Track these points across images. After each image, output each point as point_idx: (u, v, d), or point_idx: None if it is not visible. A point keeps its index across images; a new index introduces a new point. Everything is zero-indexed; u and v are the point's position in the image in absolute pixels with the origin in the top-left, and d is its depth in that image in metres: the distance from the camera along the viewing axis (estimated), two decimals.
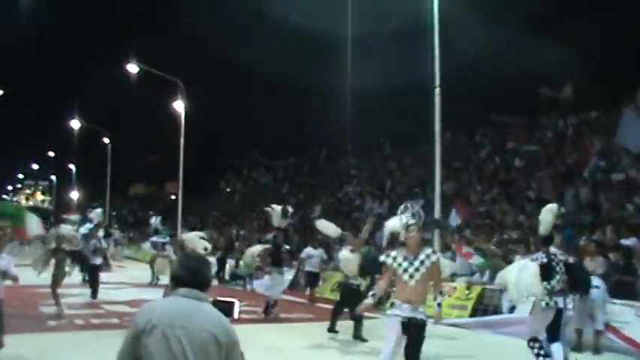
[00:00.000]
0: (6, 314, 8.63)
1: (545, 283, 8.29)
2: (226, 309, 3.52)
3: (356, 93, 33.03)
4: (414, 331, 6.72)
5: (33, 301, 15.30)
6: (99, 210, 22.40)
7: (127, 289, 20.09)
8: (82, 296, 16.69)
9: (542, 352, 8.49)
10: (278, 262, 14.82)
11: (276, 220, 14.92)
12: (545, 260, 8.44)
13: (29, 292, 15.37)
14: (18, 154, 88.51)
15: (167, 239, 23.17)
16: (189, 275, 3.39)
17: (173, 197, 51.92)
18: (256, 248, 15.65)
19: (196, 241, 12.88)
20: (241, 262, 22.38)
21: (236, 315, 3.62)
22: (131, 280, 23.04)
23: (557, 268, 8.43)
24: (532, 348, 8.59)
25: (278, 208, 15.01)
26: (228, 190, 50.38)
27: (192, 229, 33.07)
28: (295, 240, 25.02)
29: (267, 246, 15.35)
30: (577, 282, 8.71)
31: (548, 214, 8.81)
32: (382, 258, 7.07)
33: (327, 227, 13.99)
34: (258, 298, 16.91)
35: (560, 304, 8.40)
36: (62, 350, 10.17)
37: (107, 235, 20.62)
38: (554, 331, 8.49)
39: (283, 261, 15.02)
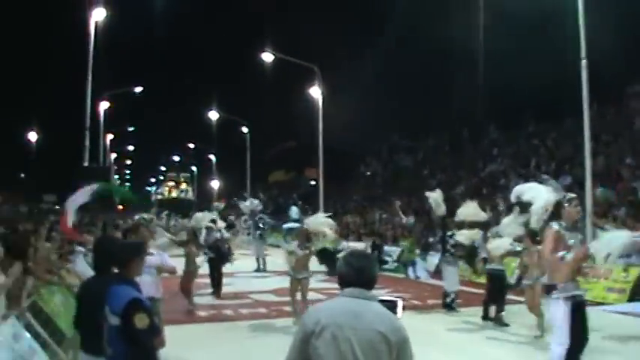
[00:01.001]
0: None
1: None
2: (389, 308, 3.60)
3: (497, 69, 33.58)
4: (584, 312, 6.68)
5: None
6: (255, 201, 25.28)
7: (272, 277, 20.84)
8: (231, 286, 17.75)
9: None
10: (445, 251, 14.62)
11: (438, 208, 14.62)
12: None
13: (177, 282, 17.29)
14: (160, 147, 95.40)
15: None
16: (354, 273, 3.57)
17: (313, 183, 54.85)
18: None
19: (320, 223, 12.86)
20: (401, 248, 23.04)
21: (400, 314, 3.71)
22: (277, 268, 24.66)
23: None
24: None
25: (436, 194, 14.73)
26: (368, 173, 52.38)
27: (333, 214, 35.69)
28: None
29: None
30: None
31: None
32: (554, 226, 6.84)
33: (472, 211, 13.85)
34: (422, 287, 18.32)
35: None
36: (212, 341, 10.84)
37: (230, 227, 21.01)
38: None
39: (447, 251, 14.57)
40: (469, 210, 13.86)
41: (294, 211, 27.17)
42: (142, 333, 4.43)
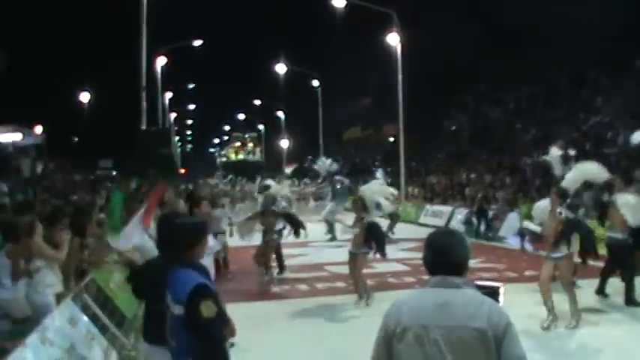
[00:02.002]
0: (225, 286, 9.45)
1: None
2: (489, 296, 3.41)
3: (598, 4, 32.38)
4: None
5: (253, 264, 16.80)
6: (328, 160, 25.32)
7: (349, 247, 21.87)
8: (304, 256, 17.95)
9: None
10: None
11: (558, 168, 13.87)
12: None
13: (250, 254, 17.36)
14: (223, 105, 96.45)
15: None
16: (436, 258, 3.39)
17: (392, 140, 54.62)
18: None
19: (375, 192, 12.55)
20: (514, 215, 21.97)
21: (502, 302, 3.54)
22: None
23: None
24: None
25: (557, 153, 13.95)
26: (453, 128, 51.82)
27: (415, 174, 35.56)
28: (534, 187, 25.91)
29: None
30: None
31: None
32: None
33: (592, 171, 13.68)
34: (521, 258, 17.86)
35: None
36: (285, 322, 10.85)
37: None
38: None
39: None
40: (589, 168, 12.66)
41: (379, 174, 26.98)
42: (209, 323, 4.32)
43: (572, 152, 13.68)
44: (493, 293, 3.48)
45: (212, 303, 4.36)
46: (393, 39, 34.12)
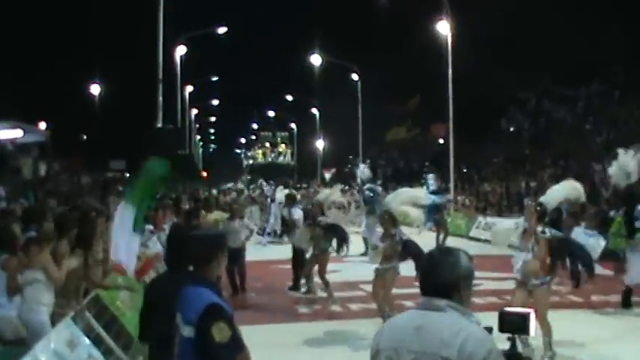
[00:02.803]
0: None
1: None
2: (517, 324, 3.49)
3: None
4: None
5: (279, 280, 16.78)
6: (361, 165, 25.34)
7: None
8: (338, 273, 17.82)
9: None
10: (632, 233, 14.13)
11: (625, 174, 14.24)
12: None
13: (274, 270, 16.57)
14: (251, 101, 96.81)
15: (445, 199, 25.28)
16: (423, 278, 3.55)
17: (441, 141, 54.35)
18: None
19: (402, 201, 12.68)
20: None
21: (532, 332, 3.62)
22: None
23: None
24: None
25: (627, 157, 14.06)
26: (511, 129, 51.33)
27: (467, 181, 35.44)
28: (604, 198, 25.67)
29: None
30: None
31: None
32: None
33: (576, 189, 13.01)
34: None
35: None
36: (315, 347, 10.94)
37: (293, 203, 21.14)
38: None
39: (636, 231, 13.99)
40: (574, 187, 12.92)
41: (431, 180, 26.85)
42: (221, 348, 4.36)
43: None
44: (521, 321, 3.53)
45: (226, 325, 4.39)
46: (443, 27, 34.01)
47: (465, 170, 43.41)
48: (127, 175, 43.25)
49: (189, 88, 54.33)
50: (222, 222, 14.96)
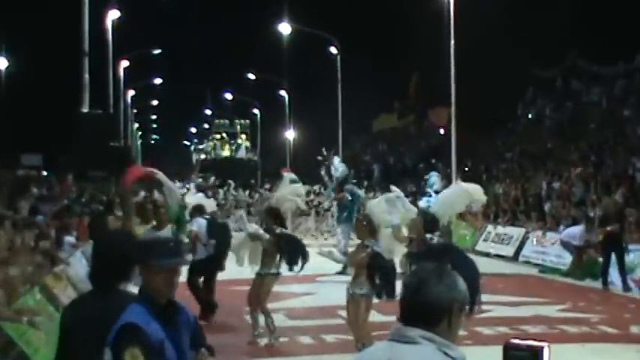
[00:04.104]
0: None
1: None
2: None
3: None
4: None
5: (237, 305, 16.42)
6: (336, 160, 25.32)
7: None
8: (310, 296, 18.08)
9: None
10: None
11: None
12: None
13: (231, 291, 16.65)
14: (204, 80, 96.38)
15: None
16: (400, 302, 3.66)
17: (442, 132, 54.50)
18: None
19: (391, 207, 12.83)
20: None
21: None
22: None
23: None
24: None
25: None
26: (530, 116, 51.63)
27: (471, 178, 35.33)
28: None
29: None
30: None
31: None
32: None
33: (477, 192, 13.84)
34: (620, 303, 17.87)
35: None
36: None
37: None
38: None
39: None
40: (475, 190, 13.83)
41: (434, 178, 26.85)
42: None
43: None
44: (532, 356, 3.47)
45: (140, 352, 4.45)
46: None
47: (468, 167, 43.44)
48: (45, 173, 42.93)
49: (124, 64, 53.97)
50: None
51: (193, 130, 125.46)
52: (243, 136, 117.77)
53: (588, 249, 23.08)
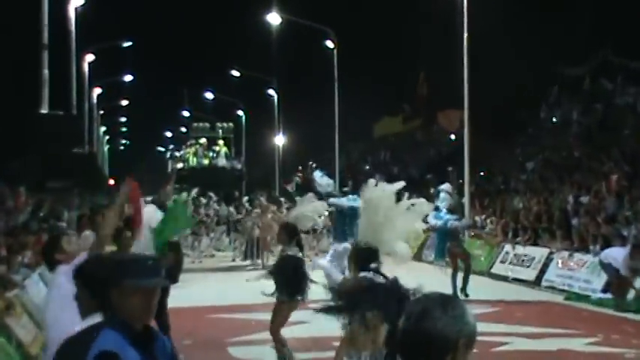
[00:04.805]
0: None
1: None
2: None
3: None
4: None
5: (217, 336, 16.94)
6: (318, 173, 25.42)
7: None
8: (302, 325, 17.58)
9: None
10: None
11: None
12: None
13: (210, 320, 17.10)
14: (181, 78, 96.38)
15: (467, 222, 25.54)
16: (401, 330, 3.68)
17: (453, 137, 54.57)
18: None
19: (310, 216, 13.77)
20: None
21: None
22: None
23: None
24: None
25: None
26: (554, 120, 51.63)
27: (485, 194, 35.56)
28: None
29: None
30: None
31: None
32: None
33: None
34: None
35: None
36: None
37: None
38: None
39: None
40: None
41: (445, 193, 26.89)
42: None
43: None
44: None
45: None
46: None
47: (482, 177, 43.45)
48: None
49: (90, 58, 53.93)
50: None
51: (169, 134, 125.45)
52: (221, 142, 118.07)
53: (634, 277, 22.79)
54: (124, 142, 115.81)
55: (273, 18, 56.13)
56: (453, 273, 24.51)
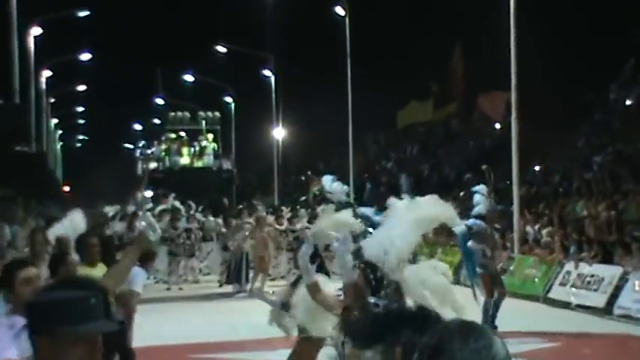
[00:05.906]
0: None
1: None
2: None
3: None
4: None
5: None
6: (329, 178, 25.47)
7: None
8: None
9: None
10: None
11: None
12: None
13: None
14: (153, 56, 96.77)
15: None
16: None
17: (497, 127, 54.71)
18: None
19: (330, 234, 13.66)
20: None
21: None
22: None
23: None
24: None
25: None
26: (627, 103, 51.52)
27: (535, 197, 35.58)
28: None
29: None
30: None
31: None
32: None
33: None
34: None
35: None
36: None
37: None
38: None
39: None
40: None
41: (479, 197, 26.98)
42: None
43: None
44: None
45: None
46: None
47: (534, 177, 43.44)
48: None
49: (36, 31, 53.94)
50: None
51: (138, 127, 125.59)
52: (210, 136, 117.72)
53: None
54: (81, 137, 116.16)
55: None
56: (488, 298, 24.46)
